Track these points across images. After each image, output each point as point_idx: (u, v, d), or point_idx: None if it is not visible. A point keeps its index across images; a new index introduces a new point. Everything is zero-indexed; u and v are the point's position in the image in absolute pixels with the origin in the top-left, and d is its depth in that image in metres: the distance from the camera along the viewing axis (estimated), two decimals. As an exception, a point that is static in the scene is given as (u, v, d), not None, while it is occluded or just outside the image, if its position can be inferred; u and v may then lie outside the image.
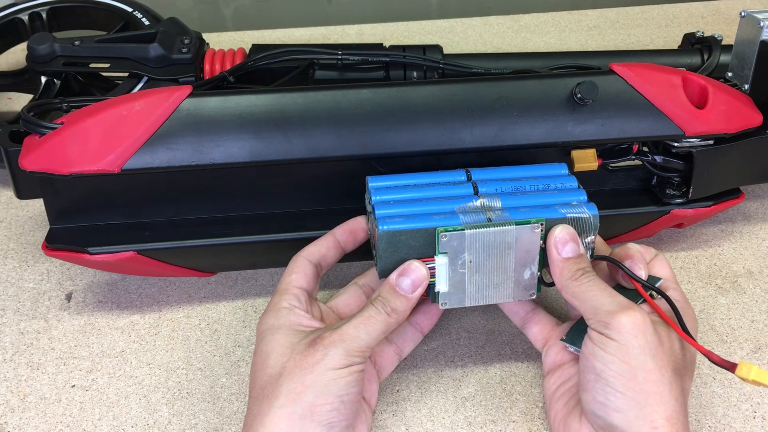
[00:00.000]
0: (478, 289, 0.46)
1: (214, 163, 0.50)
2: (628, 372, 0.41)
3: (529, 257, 0.46)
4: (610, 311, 0.42)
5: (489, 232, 0.45)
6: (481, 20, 1.01)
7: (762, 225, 0.66)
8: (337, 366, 0.42)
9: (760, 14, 0.60)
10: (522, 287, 0.47)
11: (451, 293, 0.46)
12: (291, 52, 0.68)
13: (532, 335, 0.51)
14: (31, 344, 0.56)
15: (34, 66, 0.71)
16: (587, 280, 0.44)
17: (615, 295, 0.44)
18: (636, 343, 0.41)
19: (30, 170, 0.50)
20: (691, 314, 0.47)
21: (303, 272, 0.48)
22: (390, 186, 0.49)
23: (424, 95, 0.53)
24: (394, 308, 0.44)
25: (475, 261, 0.45)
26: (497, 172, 0.50)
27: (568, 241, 0.46)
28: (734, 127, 0.55)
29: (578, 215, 0.46)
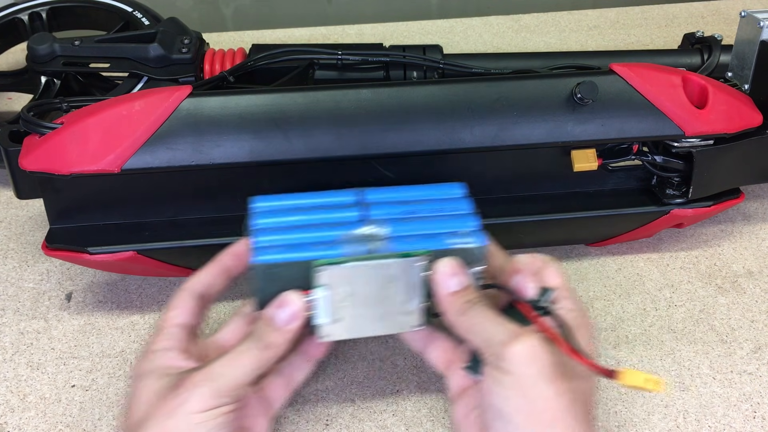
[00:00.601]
0: (360, 322, 0.44)
1: (214, 163, 0.50)
2: (527, 406, 0.39)
3: (413, 290, 0.44)
4: (500, 342, 0.40)
5: (369, 266, 0.42)
6: (481, 20, 1.01)
7: (762, 225, 0.66)
8: (201, 408, 0.40)
9: (760, 14, 0.60)
10: (408, 319, 0.44)
11: (332, 326, 0.44)
12: (291, 52, 0.68)
13: (433, 360, 0.48)
14: (31, 344, 0.56)
15: (34, 66, 0.71)
16: (476, 312, 0.42)
17: (504, 323, 0.41)
18: (530, 372, 0.39)
19: (30, 170, 0.50)
20: (585, 323, 0.44)
21: (183, 307, 0.46)
22: (274, 209, 0.47)
23: (424, 95, 0.53)
24: (269, 343, 0.42)
25: (356, 294, 0.43)
26: (392, 193, 0.48)
27: (452, 275, 0.43)
28: (734, 127, 0.55)
29: (465, 246, 0.44)
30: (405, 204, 0.47)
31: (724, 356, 0.54)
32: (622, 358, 0.54)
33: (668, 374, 0.53)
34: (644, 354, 0.54)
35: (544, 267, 0.46)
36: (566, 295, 0.45)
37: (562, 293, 0.45)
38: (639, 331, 0.56)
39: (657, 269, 0.62)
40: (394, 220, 0.45)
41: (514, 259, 0.46)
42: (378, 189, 0.48)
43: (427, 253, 0.43)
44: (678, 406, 0.51)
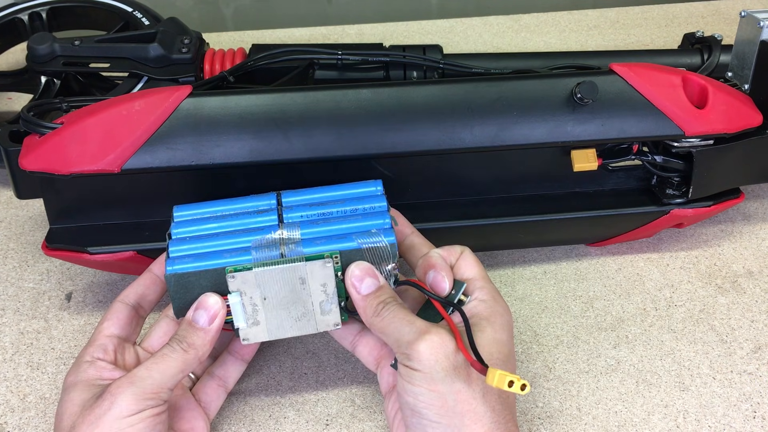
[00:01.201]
0: (279, 324, 0.45)
1: (214, 163, 0.50)
2: (438, 399, 0.40)
3: (327, 290, 0.44)
4: (409, 341, 0.41)
5: (278, 269, 0.44)
6: (481, 20, 1.01)
7: (762, 225, 0.66)
8: (126, 413, 0.40)
9: (760, 14, 0.60)
10: (327, 318, 0.45)
11: (251, 329, 0.45)
12: (291, 52, 0.68)
13: (363, 357, 0.48)
14: (31, 344, 0.56)
15: (34, 66, 0.71)
16: (388, 312, 0.43)
17: (414, 321, 0.42)
18: (439, 367, 0.40)
19: (30, 170, 0.50)
20: (500, 311, 0.45)
21: (115, 318, 0.47)
22: (194, 218, 0.48)
23: (424, 95, 0.53)
24: (191, 343, 0.43)
25: (270, 297, 0.44)
26: (308, 195, 0.49)
27: (364, 277, 0.44)
28: (734, 127, 0.55)
29: (375, 245, 0.45)
30: (320, 205, 0.48)
31: (724, 356, 0.54)
32: (622, 358, 0.54)
33: (668, 374, 0.53)
34: (644, 354, 0.54)
35: (460, 258, 0.47)
36: (482, 284, 0.45)
37: (477, 283, 0.45)
38: (639, 331, 0.56)
39: (657, 269, 0.62)
40: (308, 222, 0.47)
41: (428, 253, 0.47)
42: (294, 191, 0.49)
43: (336, 254, 0.44)
44: (678, 406, 0.51)
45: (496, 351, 0.42)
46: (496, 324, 0.44)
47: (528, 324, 0.57)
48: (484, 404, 0.40)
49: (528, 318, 0.57)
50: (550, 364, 0.54)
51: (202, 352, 0.43)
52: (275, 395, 0.52)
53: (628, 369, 0.53)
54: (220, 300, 0.44)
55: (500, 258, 0.63)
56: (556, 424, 0.50)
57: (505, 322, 0.44)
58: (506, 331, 0.44)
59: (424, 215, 0.56)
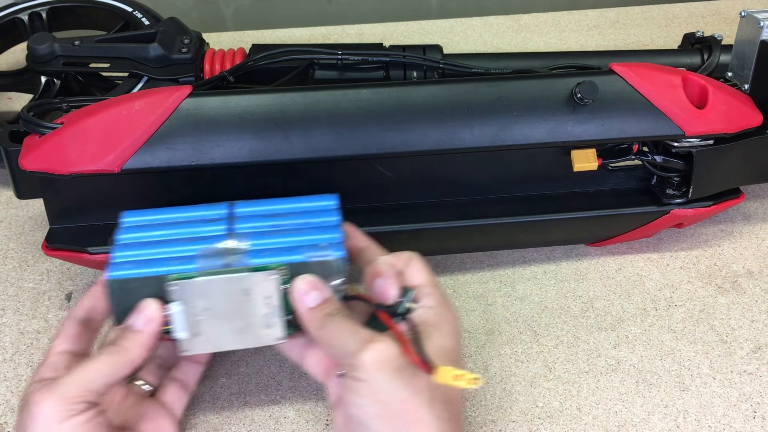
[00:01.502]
0: (221, 336, 0.44)
1: (214, 163, 0.50)
2: (384, 409, 0.39)
3: (271, 303, 0.43)
4: (353, 351, 0.40)
5: (221, 280, 0.43)
6: (481, 20, 1.01)
7: (762, 225, 0.66)
8: (50, 421, 0.40)
9: (760, 14, 0.61)
10: (271, 332, 0.44)
11: (191, 340, 0.44)
12: (291, 52, 0.68)
13: (312, 369, 0.47)
14: (31, 344, 0.56)
15: (34, 66, 0.71)
16: (332, 323, 0.42)
17: (358, 331, 0.41)
18: (383, 376, 0.39)
19: (30, 170, 0.50)
20: (447, 317, 0.44)
21: (65, 334, 0.45)
22: (142, 223, 0.47)
23: (424, 95, 0.53)
24: (123, 346, 0.42)
25: (212, 308, 0.43)
26: (261, 206, 0.48)
27: (309, 291, 0.43)
28: (734, 127, 0.55)
29: (323, 259, 0.44)
30: (273, 217, 0.47)
31: (724, 356, 0.54)
32: (622, 358, 0.54)
33: (668, 374, 0.53)
34: (644, 354, 0.54)
35: (407, 265, 0.46)
36: (428, 292, 0.45)
37: (425, 290, 0.45)
38: (639, 331, 0.56)
39: (657, 269, 0.62)
40: (258, 234, 0.46)
41: (376, 261, 0.46)
42: (248, 202, 0.49)
43: (282, 267, 0.43)
44: (678, 406, 0.51)
45: (443, 357, 0.42)
46: (443, 331, 0.43)
47: (528, 324, 0.57)
48: (430, 412, 0.40)
49: (528, 318, 0.57)
50: (550, 364, 0.54)
51: (134, 355, 0.42)
52: (275, 395, 0.52)
53: (628, 369, 0.53)
54: (158, 305, 0.43)
55: (500, 258, 0.63)
56: (556, 424, 0.50)
57: (452, 328, 0.44)
58: (453, 337, 0.44)
59: (424, 215, 0.56)
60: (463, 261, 0.62)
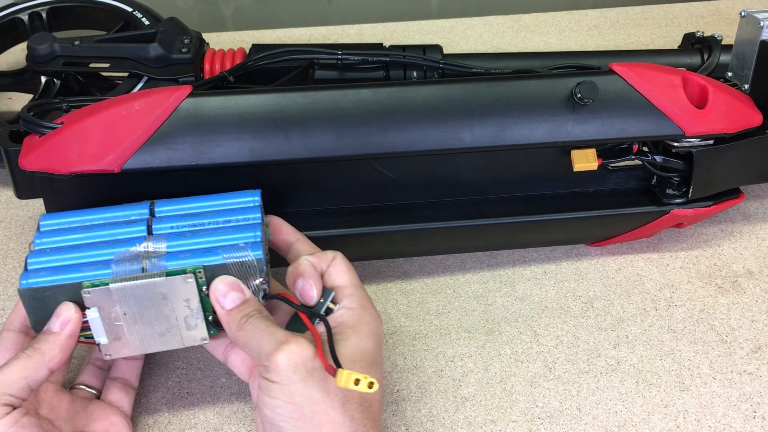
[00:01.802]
0: (142, 339, 0.44)
1: (214, 163, 0.50)
2: (296, 411, 0.40)
3: (191, 305, 0.43)
4: (268, 352, 0.40)
5: (137, 285, 0.42)
6: (481, 20, 1.01)
7: (762, 225, 0.66)
8: None
9: (760, 14, 0.60)
10: (194, 333, 0.44)
11: (112, 344, 0.44)
12: (291, 52, 0.68)
13: (235, 367, 0.47)
14: (31, 344, 0.56)
15: (34, 66, 0.71)
16: (250, 325, 0.42)
17: (274, 332, 0.41)
18: (297, 378, 0.39)
19: (30, 170, 0.50)
20: (367, 319, 0.44)
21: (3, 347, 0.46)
22: (60, 227, 0.47)
23: (424, 95, 0.53)
24: (37, 348, 0.42)
25: (131, 313, 0.43)
26: (181, 205, 0.48)
27: (228, 292, 0.43)
28: (734, 127, 0.55)
29: (240, 259, 0.43)
30: (193, 216, 0.47)
31: (724, 356, 0.54)
32: (622, 358, 0.54)
33: (668, 374, 0.53)
34: (644, 354, 0.54)
35: (331, 265, 0.46)
36: (349, 293, 0.45)
37: (346, 291, 0.45)
38: (639, 331, 0.56)
39: (657, 269, 0.62)
40: (177, 234, 0.46)
41: (298, 260, 0.46)
42: (168, 201, 0.48)
43: (200, 269, 0.43)
44: (678, 406, 0.51)
45: (359, 359, 0.42)
46: (362, 332, 0.43)
47: (528, 324, 0.57)
48: (343, 413, 0.40)
49: (528, 318, 0.57)
50: (550, 364, 0.54)
51: (50, 356, 0.42)
52: (275, 395, 0.52)
53: (628, 369, 0.53)
54: (75, 308, 0.43)
55: (500, 258, 0.63)
56: (556, 424, 0.50)
57: (371, 330, 0.44)
58: (372, 339, 0.44)
59: (424, 215, 0.56)
60: (463, 261, 0.62)
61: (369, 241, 0.56)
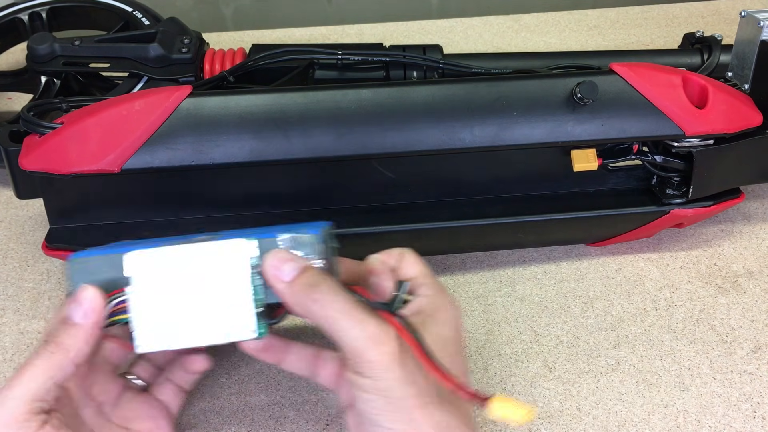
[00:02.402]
0: (181, 327, 0.39)
1: (214, 163, 0.50)
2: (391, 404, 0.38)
3: (242, 287, 0.39)
4: (358, 348, 0.37)
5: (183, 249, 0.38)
6: (481, 20, 1.01)
7: (762, 225, 0.66)
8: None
9: (760, 14, 0.61)
10: (242, 324, 0.39)
11: (147, 333, 0.39)
12: (291, 52, 0.68)
13: (325, 379, 0.45)
14: (31, 344, 0.56)
15: (34, 66, 0.71)
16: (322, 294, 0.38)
17: (362, 320, 0.38)
18: (391, 376, 0.37)
19: (30, 170, 0.50)
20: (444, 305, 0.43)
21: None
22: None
23: (424, 95, 0.53)
24: (60, 343, 0.37)
25: (172, 290, 0.38)
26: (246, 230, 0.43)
27: (282, 264, 0.39)
28: (734, 127, 0.55)
29: (294, 235, 0.39)
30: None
31: (724, 356, 0.54)
32: (622, 358, 0.54)
33: (668, 374, 0.53)
34: (644, 354, 0.54)
35: (401, 260, 0.45)
36: (423, 282, 0.44)
37: (419, 281, 0.44)
38: (639, 331, 0.56)
39: (657, 269, 0.62)
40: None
41: (367, 260, 0.45)
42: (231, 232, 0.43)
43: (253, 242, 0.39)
44: (678, 406, 0.51)
45: (441, 348, 0.40)
46: (440, 319, 0.42)
47: (528, 324, 0.57)
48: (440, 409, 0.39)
49: (528, 318, 0.57)
50: (550, 364, 0.54)
51: (75, 352, 0.38)
52: (275, 395, 0.52)
53: (628, 369, 0.53)
54: (96, 292, 0.38)
55: (500, 258, 0.63)
56: (556, 424, 0.50)
57: (450, 316, 0.43)
58: (452, 325, 0.42)
59: (424, 215, 0.56)
60: (463, 261, 0.62)
61: (369, 241, 0.56)
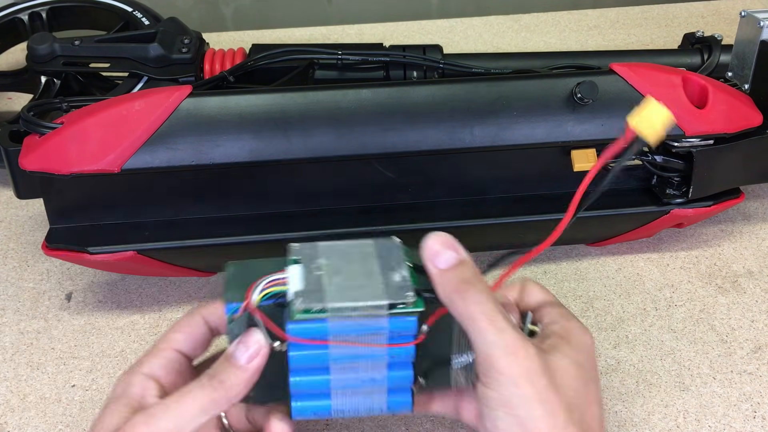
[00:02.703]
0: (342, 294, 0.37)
1: (214, 163, 0.50)
2: (518, 425, 0.36)
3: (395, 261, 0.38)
4: (491, 355, 0.36)
5: (341, 244, 0.39)
6: (481, 20, 1.01)
7: (762, 225, 0.66)
8: None
9: (760, 14, 0.60)
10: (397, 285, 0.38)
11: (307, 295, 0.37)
12: (291, 52, 0.68)
13: (468, 418, 0.43)
14: (31, 344, 0.56)
15: (34, 66, 0.71)
16: (472, 297, 0.37)
17: (502, 329, 0.37)
18: (519, 393, 0.36)
19: (30, 170, 0.50)
20: (575, 329, 0.41)
21: (190, 332, 0.42)
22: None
23: (424, 95, 0.53)
24: (223, 381, 0.37)
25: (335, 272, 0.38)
26: None
27: (442, 249, 0.38)
28: (734, 127, 0.55)
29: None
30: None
31: (724, 356, 0.54)
32: (622, 357, 0.54)
33: (668, 374, 0.53)
34: (644, 354, 0.54)
35: (522, 290, 0.45)
36: (549, 309, 0.43)
37: (544, 309, 0.43)
38: (639, 331, 0.56)
39: (657, 269, 0.62)
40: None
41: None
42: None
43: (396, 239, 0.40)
44: (678, 406, 0.51)
45: (575, 374, 0.39)
46: (573, 342, 0.40)
47: (528, 324, 0.57)
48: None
49: (528, 318, 0.57)
50: (550, 364, 0.54)
51: (235, 392, 0.38)
52: (275, 395, 0.52)
53: (628, 369, 0.53)
54: (264, 338, 0.38)
55: (500, 258, 0.63)
56: (556, 424, 0.50)
57: (582, 342, 0.41)
58: (585, 351, 0.41)
59: (424, 215, 0.56)
60: (463, 261, 0.62)
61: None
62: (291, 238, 0.53)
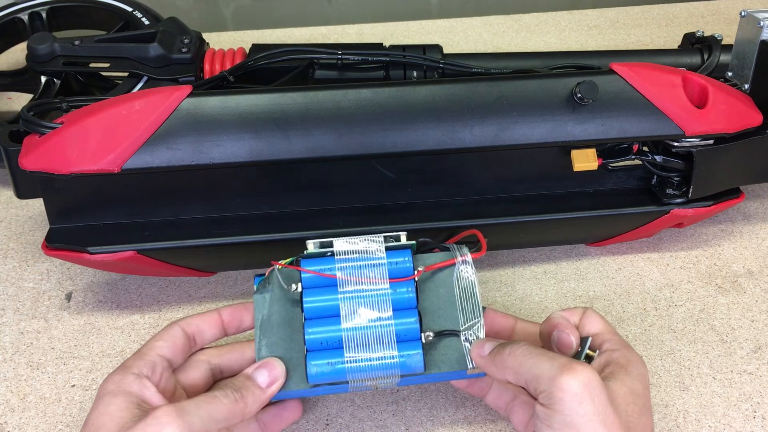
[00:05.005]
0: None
1: (214, 163, 0.50)
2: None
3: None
4: (550, 377, 0.38)
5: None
6: (481, 20, 1.01)
7: (762, 225, 0.66)
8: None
9: (760, 14, 0.61)
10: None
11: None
12: (291, 51, 0.68)
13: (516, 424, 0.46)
14: (31, 344, 0.56)
15: (34, 66, 0.71)
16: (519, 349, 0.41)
17: (554, 357, 0.39)
18: (582, 411, 0.37)
19: (30, 170, 0.50)
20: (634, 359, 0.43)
21: (172, 341, 0.45)
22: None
23: (424, 95, 0.53)
24: (244, 396, 0.42)
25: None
26: None
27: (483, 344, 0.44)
28: (734, 126, 0.55)
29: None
30: None
31: (724, 356, 0.54)
32: (622, 358, 0.54)
33: (668, 374, 0.53)
34: (644, 354, 0.54)
35: (583, 317, 0.46)
36: (608, 338, 0.44)
37: (604, 336, 0.44)
38: (639, 331, 0.56)
39: (657, 269, 0.62)
40: None
41: (550, 315, 0.46)
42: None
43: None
44: (678, 406, 0.51)
45: (631, 401, 0.40)
46: (632, 373, 0.41)
47: (528, 324, 0.57)
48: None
49: (528, 318, 0.57)
50: (550, 364, 0.54)
51: (250, 410, 0.42)
52: (275, 395, 0.52)
53: (628, 369, 0.53)
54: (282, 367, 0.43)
55: (500, 258, 0.63)
56: (556, 424, 0.50)
57: (640, 373, 0.42)
58: (642, 381, 0.42)
59: (425, 215, 0.56)
60: (463, 261, 0.62)
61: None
62: (291, 238, 0.54)
